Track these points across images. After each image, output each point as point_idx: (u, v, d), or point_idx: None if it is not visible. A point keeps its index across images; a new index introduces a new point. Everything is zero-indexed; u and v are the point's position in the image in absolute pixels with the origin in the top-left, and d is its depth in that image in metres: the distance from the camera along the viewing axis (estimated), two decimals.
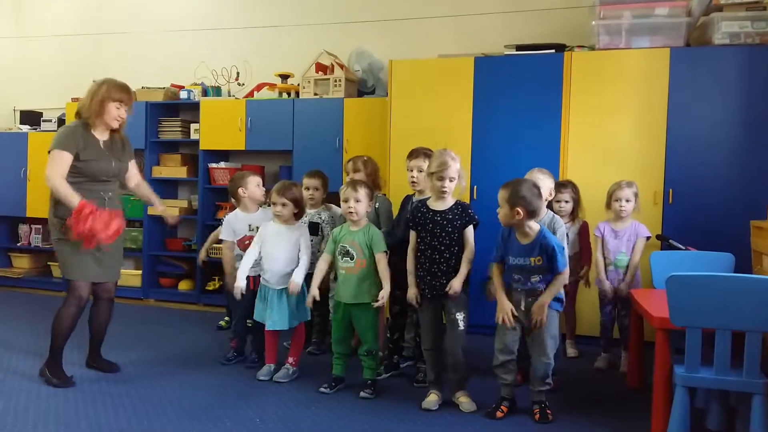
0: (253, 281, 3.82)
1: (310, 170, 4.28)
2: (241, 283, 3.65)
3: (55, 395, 3.41)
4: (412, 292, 3.31)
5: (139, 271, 6.04)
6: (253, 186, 4.02)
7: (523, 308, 3.13)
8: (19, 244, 6.59)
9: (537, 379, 3.14)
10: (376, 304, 3.40)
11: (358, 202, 3.46)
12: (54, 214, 3.53)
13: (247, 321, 3.94)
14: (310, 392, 3.50)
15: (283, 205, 3.64)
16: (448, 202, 3.29)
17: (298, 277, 3.60)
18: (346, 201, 3.47)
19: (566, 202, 4.05)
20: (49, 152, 3.48)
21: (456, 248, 3.26)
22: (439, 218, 3.26)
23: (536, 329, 3.09)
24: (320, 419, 3.14)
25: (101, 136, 3.61)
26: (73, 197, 3.38)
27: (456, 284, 3.20)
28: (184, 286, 5.99)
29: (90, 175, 3.53)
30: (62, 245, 3.53)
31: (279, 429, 3.01)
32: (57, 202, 3.50)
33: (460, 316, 3.26)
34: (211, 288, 5.74)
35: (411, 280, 3.32)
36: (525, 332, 3.18)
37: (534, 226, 3.08)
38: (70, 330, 3.59)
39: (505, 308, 3.13)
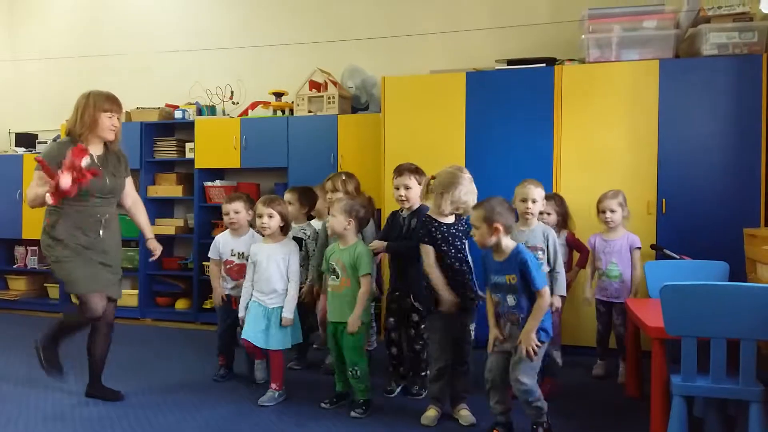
0: (235, 301, 3.85)
1: (291, 187, 4.38)
2: (241, 314, 3.66)
3: (53, 420, 3.38)
4: (451, 299, 3.19)
5: (136, 291, 6.04)
6: (233, 214, 3.94)
7: (506, 333, 3.02)
8: (15, 266, 6.59)
9: (522, 403, 2.98)
10: (349, 331, 3.37)
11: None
12: (49, 236, 3.46)
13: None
14: (305, 410, 3.48)
15: (270, 216, 3.59)
16: (452, 216, 3.33)
17: (288, 313, 3.58)
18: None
19: (548, 214, 4.01)
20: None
21: (468, 259, 3.36)
22: (454, 230, 3.31)
23: (528, 358, 2.90)
24: None
25: (94, 150, 3.50)
26: (44, 188, 3.27)
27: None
28: (181, 305, 5.98)
29: (82, 193, 3.36)
30: (64, 264, 3.45)
31: None
32: (52, 224, 3.45)
33: (472, 327, 3.35)
34: (208, 306, 5.73)
35: (445, 289, 3.21)
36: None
37: (509, 243, 2.99)
38: (74, 334, 3.57)
39: (491, 335, 3.07)
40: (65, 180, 3.19)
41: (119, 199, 3.71)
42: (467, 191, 3.24)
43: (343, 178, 4.05)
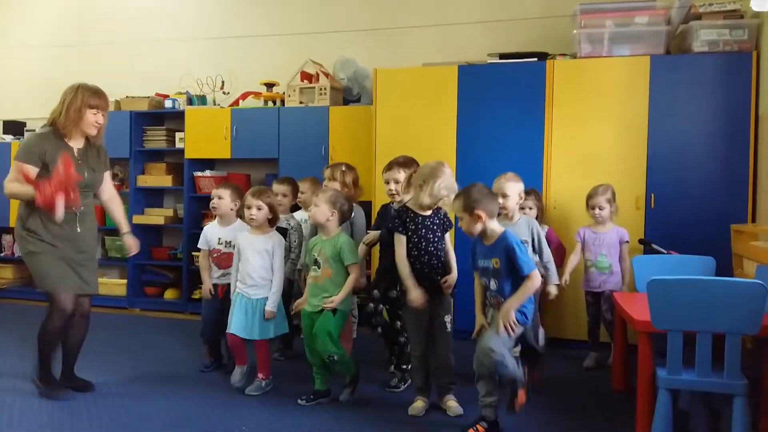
0: (222, 290, 3.87)
1: (280, 177, 4.36)
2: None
3: (39, 406, 3.38)
4: (416, 294, 3.22)
5: (124, 281, 6.01)
6: (216, 200, 3.94)
7: (489, 319, 3.03)
8: (2, 254, 6.54)
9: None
10: (325, 306, 3.34)
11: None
12: (23, 227, 3.41)
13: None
14: (292, 399, 3.48)
15: (259, 208, 3.58)
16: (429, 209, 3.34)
17: (272, 306, 3.57)
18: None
19: (530, 208, 4.08)
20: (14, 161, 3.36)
21: (443, 252, 3.33)
22: (429, 223, 3.30)
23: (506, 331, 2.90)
24: (304, 427, 3.14)
25: (75, 144, 3.48)
26: (28, 187, 3.27)
27: (452, 279, 3.29)
28: (169, 294, 5.97)
29: None
30: (37, 258, 3.40)
31: None
32: (27, 215, 3.40)
33: (447, 319, 3.32)
34: (197, 296, 5.71)
35: (411, 282, 3.24)
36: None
37: (497, 228, 2.99)
38: (56, 343, 3.50)
39: (477, 322, 3.09)
40: (60, 206, 3.24)
41: (97, 192, 3.67)
42: (446, 186, 3.23)
43: (343, 168, 4.04)
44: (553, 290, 3.63)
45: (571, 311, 4.45)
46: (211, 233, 3.98)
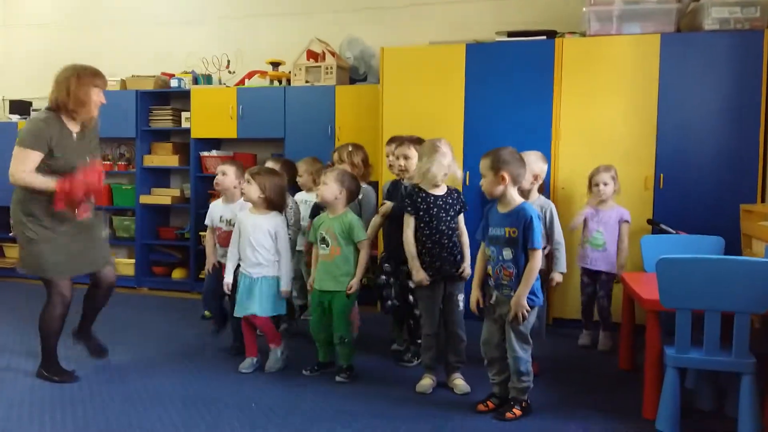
0: (224, 268, 3.84)
1: (274, 156, 4.34)
2: (227, 279, 3.65)
3: (49, 385, 3.42)
4: (421, 276, 3.25)
5: (132, 260, 6.04)
6: (220, 176, 3.96)
7: (493, 300, 3.04)
8: (11, 235, 6.53)
9: (513, 373, 2.99)
10: (349, 293, 3.42)
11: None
12: (21, 210, 3.33)
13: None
14: (301, 376, 3.53)
15: (248, 182, 3.56)
16: (443, 187, 3.32)
17: (286, 285, 3.59)
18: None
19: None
20: (17, 145, 3.26)
21: (456, 232, 3.33)
22: (441, 202, 3.29)
23: (516, 323, 2.90)
24: (315, 403, 3.17)
25: (74, 127, 3.41)
26: (49, 182, 3.23)
27: (468, 268, 3.30)
28: (177, 274, 6.00)
29: (59, 171, 3.29)
30: (37, 246, 3.32)
31: (273, 413, 3.04)
32: (24, 199, 3.31)
33: (461, 297, 3.34)
34: (204, 276, 5.72)
35: (416, 264, 3.27)
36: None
37: (516, 196, 2.96)
38: (59, 329, 3.46)
39: (473, 296, 3.10)
40: (84, 211, 3.32)
41: None
42: (439, 164, 3.21)
43: (350, 149, 4.04)
44: (557, 278, 3.57)
45: (565, 292, 4.47)
46: (215, 211, 4.00)
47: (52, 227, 3.35)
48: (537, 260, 2.88)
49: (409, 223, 3.30)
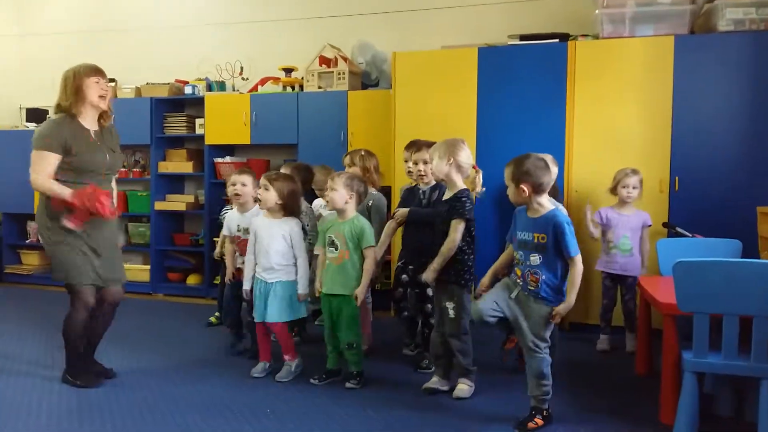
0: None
1: (286, 162, 4.37)
2: (245, 286, 3.66)
3: (68, 390, 3.45)
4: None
5: (147, 266, 6.08)
6: (240, 186, 3.96)
7: (512, 296, 2.96)
8: (27, 241, 6.63)
9: (529, 377, 2.96)
10: (357, 302, 3.40)
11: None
12: (47, 215, 3.34)
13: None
14: (304, 384, 3.52)
15: (266, 188, 3.55)
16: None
17: (303, 289, 3.58)
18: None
19: None
20: (32, 150, 3.30)
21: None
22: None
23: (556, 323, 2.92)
24: (331, 409, 3.17)
25: (91, 125, 3.42)
26: (64, 190, 3.24)
27: (427, 275, 3.23)
28: (192, 280, 6.03)
29: (80, 170, 3.32)
30: (59, 248, 3.34)
31: (289, 419, 3.05)
32: (48, 204, 3.33)
33: (449, 305, 3.26)
34: (219, 282, 5.76)
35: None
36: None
37: (545, 203, 2.91)
38: (83, 335, 3.46)
39: (483, 281, 3.11)
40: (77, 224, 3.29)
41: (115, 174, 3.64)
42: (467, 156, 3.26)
43: (362, 153, 4.04)
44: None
45: (589, 297, 4.42)
46: (231, 220, 4.02)
47: (75, 233, 3.34)
48: (578, 266, 2.85)
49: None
